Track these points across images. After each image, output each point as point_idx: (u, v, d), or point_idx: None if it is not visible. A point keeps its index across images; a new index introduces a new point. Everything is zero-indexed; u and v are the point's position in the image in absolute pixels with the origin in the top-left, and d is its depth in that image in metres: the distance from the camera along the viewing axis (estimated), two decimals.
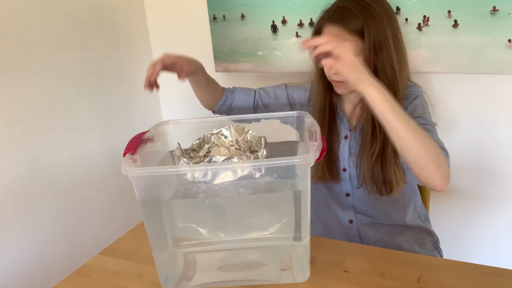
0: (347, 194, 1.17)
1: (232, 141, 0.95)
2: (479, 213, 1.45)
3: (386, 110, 0.88)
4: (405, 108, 1.02)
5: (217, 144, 0.94)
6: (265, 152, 0.87)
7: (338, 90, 1.07)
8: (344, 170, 1.15)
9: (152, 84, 1.06)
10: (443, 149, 0.96)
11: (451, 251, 1.28)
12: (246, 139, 0.95)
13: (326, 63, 0.89)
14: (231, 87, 1.27)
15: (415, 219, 1.20)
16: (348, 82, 0.90)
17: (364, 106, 1.08)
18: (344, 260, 0.94)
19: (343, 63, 0.87)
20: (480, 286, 0.84)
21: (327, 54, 0.88)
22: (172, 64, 1.06)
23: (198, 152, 0.95)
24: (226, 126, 0.96)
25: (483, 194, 1.43)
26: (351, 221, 1.19)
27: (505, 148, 1.36)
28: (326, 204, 1.22)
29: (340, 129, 1.15)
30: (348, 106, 1.16)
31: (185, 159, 0.86)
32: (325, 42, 0.88)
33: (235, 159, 0.82)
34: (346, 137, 1.15)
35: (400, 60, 1.04)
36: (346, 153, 1.14)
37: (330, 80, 1.08)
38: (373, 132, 1.06)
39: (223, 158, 0.82)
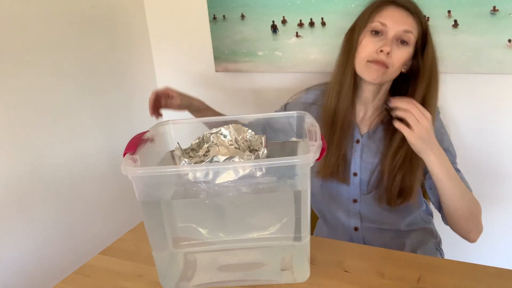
0: (355, 200, 1.16)
1: (231, 140, 0.95)
2: None
3: (444, 178, 0.95)
4: None
5: (216, 144, 0.94)
6: (265, 151, 0.87)
7: (372, 74, 1.03)
8: (355, 174, 1.14)
9: (154, 111, 1.19)
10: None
11: (451, 251, 1.28)
12: (245, 138, 0.95)
13: (398, 126, 0.94)
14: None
15: (421, 221, 1.20)
16: (412, 145, 0.94)
17: (382, 116, 1.10)
18: (344, 260, 0.94)
19: (412, 132, 0.92)
20: (480, 286, 0.84)
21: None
22: (163, 92, 1.18)
23: (197, 151, 0.95)
24: (225, 126, 0.96)
25: (483, 194, 1.43)
26: (356, 229, 1.19)
27: (505, 148, 1.36)
28: (330, 211, 1.22)
29: (351, 134, 1.14)
30: (359, 111, 1.14)
31: (186, 160, 0.86)
32: (403, 108, 0.93)
33: (236, 159, 0.82)
34: (358, 142, 1.14)
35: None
36: (358, 157, 1.13)
37: (365, 63, 1.04)
38: (396, 141, 1.06)
39: (224, 157, 0.82)
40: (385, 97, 1.11)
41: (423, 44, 1.04)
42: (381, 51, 1.01)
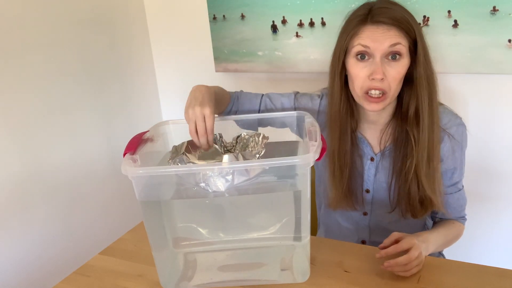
0: (365, 213, 1.13)
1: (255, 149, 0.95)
2: (479, 213, 1.45)
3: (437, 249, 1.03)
4: (441, 147, 1.03)
5: (248, 146, 0.95)
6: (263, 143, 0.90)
7: (373, 106, 0.96)
8: (367, 191, 1.10)
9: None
10: (463, 217, 1.13)
11: (451, 251, 1.28)
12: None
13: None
14: (238, 90, 1.18)
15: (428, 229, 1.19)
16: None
17: (393, 133, 1.05)
18: (344, 260, 0.94)
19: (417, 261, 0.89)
20: (480, 286, 0.84)
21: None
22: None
23: (236, 148, 0.96)
24: (257, 133, 0.96)
25: (483, 194, 1.43)
26: (363, 242, 1.17)
27: (505, 147, 1.36)
28: (337, 223, 1.20)
29: (363, 152, 1.09)
30: (369, 129, 1.08)
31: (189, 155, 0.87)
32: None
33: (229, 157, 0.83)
34: (372, 159, 1.08)
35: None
36: (372, 175, 1.09)
37: (362, 95, 0.97)
38: (409, 151, 1.01)
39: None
40: (393, 107, 1.05)
41: (415, 50, 0.96)
42: (373, 79, 0.93)
